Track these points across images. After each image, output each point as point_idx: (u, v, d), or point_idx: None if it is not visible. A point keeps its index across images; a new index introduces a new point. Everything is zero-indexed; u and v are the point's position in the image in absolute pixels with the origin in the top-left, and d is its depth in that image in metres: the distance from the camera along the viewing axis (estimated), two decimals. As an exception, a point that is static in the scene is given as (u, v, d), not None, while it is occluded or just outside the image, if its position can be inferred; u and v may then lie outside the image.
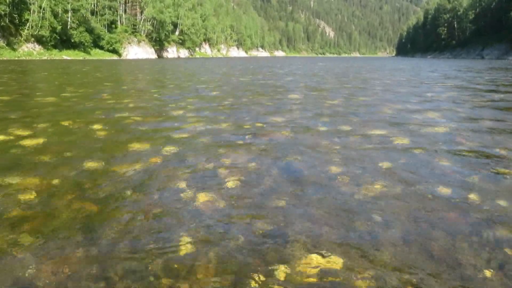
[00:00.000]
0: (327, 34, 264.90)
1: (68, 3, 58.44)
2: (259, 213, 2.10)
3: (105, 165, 2.92)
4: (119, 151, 3.33)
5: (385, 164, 2.95)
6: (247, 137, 3.85)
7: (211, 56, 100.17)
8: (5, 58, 45.90)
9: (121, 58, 65.09)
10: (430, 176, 2.72)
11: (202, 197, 2.30)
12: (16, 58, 47.61)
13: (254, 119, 4.92)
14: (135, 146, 3.47)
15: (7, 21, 50.72)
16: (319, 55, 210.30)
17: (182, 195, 2.35)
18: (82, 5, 60.66)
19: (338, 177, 2.67)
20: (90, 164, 2.95)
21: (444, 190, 2.43)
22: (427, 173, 2.79)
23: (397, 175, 2.73)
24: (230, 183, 2.55)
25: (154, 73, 17.15)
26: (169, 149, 3.35)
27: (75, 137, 3.88)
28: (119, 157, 3.14)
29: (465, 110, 5.89)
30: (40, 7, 54.46)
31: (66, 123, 4.58)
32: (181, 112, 5.46)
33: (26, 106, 6.01)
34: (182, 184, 2.52)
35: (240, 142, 3.65)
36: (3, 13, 49.26)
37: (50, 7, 55.55)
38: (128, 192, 2.37)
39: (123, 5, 71.02)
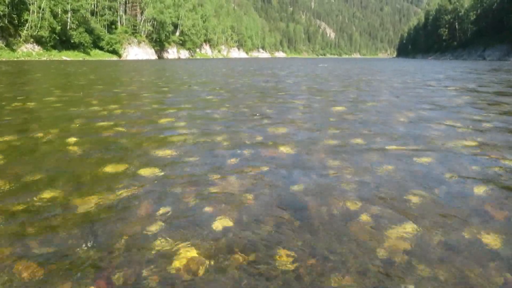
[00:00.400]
0: (328, 35, 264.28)
1: (68, 3, 57.94)
2: (256, 280, 1.50)
3: (65, 197, 2.33)
4: (88, 175, 2.74)
5: (414, 198, 2.35)
6: (243, 156, 3.25)
7: (211, 57, 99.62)
8: (3, 59, 45.37)
9: (121, 59, 64.55)
10: (473, 215, 2.12)
11: (182, 253, 1.70)
12: (15, 59, 47.09)
13: (253, 130, 4.32)
14: (108, 168, 2.87)
15: (6, 22, 50.20)
16: (320, 56, 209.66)
17: (154, 249, 1.75)
18: (81, 5, 60.15)
19: (358, 218, 2.07)
20: (48, 195, 2.36)
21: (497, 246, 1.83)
22: (468, 211, 2.19)
23: (432, 214, 2.13)
24: (218, 226, 1.95)
25: (151, 75, 16.59)
26: (147, 174, 2.76)
27: (42, 155, 3.29)
28: (85, 185, 2.54)
29: (485, 118, 5.29)
30: (40, 7, 53.96)
31: (37, 135, 3.99)
32: (171, 120, 4.87)
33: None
34: (156, 230, 1.92)
35: (235, 162, 3.05)
36: (1, 13, 48.74)
37: (50, 7, 55.05)
38: (84, 247, 1.77)
39: (123, 6, 70.52)
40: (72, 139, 3.82)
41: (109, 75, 16.00)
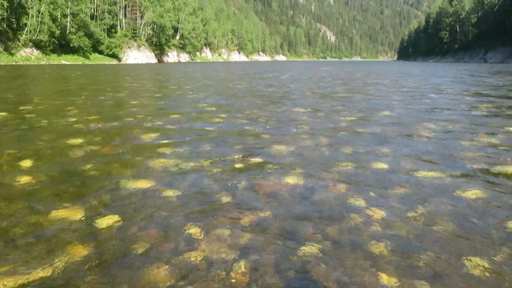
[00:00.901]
0: (328, 38, 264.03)
1: (67, 7, 57.46)
2: None
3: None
4: (28, 224, 1.98)
5: (475, 271, 1.58)
6: (236, 192, 2.48)
7: (212, 60, 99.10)
8: (1, 63, 44.80)
9: (121, 62, 64.00)
10: None
11: None
12: (13, 63, 46.52)
13: (248, 149, 3.56)
14: (58, 213, 2.10)
15: (4, 26, 49.70)
16: (320, 59, 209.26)
17: None
18: (81, 9, 59.69)
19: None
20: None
21: None
22: None
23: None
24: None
25: (146, 79, 15.87)
26: (106, 223, 1.99)
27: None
28: (19, 246, 1.78)
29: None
30: (39, 11, 53.45)
31: (-15, 158, 3.25)
32: (154, 136, 4.11)
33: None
34: None
35: (224, 203, 2.29)
36: (0, 17, 48.21)
37: (49, 11, 54.56)
38: None
39: (123, 10, 70.06)
40: (27, 163, 3.07)
41: (103, 80, 15.29)
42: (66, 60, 56.88)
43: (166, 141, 3.85)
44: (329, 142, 3.89)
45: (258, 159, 3.24)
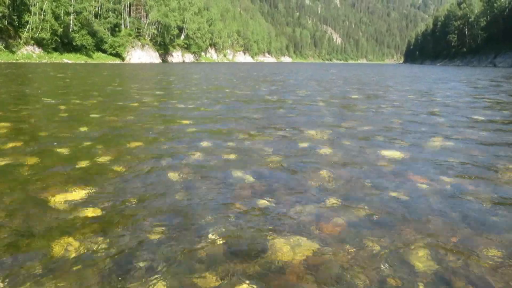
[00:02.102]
0: (334, 40, 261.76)
1: (70, 5, 56.30)
2: None
3: None
4: None
5: None
6: None
7: (217, 61, 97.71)
8: (1, 61, 43.63)
9: (124, 62, 62.76)
10: None
11: None
12: (14, 61, 45.37)
13: (238, 225, 2.01)
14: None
15: (5, 23, 48.56)
16: (326, 61, 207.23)
17: None
18: (84, 7, 58.51)
19: None
20: None
21: None
22: None
23: None
24: None
25: (138, 81, 14.38)
26: None
27: None
28: None
29: None
30: (41, 9, 52.29)
31: None
32: (72, 203, 2.57)
33: None
34: None
35: None
36: (1, 14, 47.08)
37: (51, 9, 53.38)
38: None
39: (128, 8, 68.83)
40: None
41: (90, 81, 13.83)
42: (68, 58, 55.71)
43: (85, 213, 2.24)
44: (373, 212, 2.30)
45: (257, 252, 1.67)
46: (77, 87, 10.94)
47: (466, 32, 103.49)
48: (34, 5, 52.04)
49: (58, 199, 2.30)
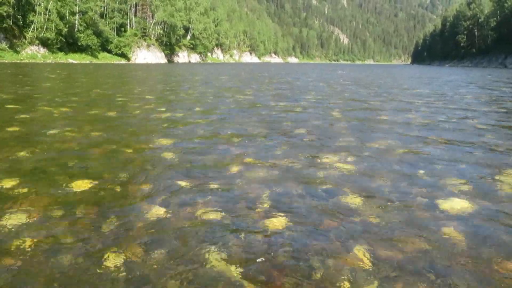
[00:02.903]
0: (341, 40, 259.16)
1: (76, 5, 55.53)
2: None
3: None
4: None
5: None
6: None
7: (223, 61, 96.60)
8: (5, 61, 42.88)
9: (130, 62, 61.88)
10: None
11: None
12: (18, 61, 44.62)
13: None
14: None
15: (10, 23, 47.87)
16: (333, 62, 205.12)
17: None
18: (90, 7, 57.71)
19: None
20: None
21: None
22: None
23: None
24: None
25: (136, 83, 13.21)
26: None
27: None
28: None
29: None
30: (46, 8, 51.55)
31: None
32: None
33: None
34: None
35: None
36: (5, 14, 46.35)
37: (56, 9, 52.62)
38: None
39: (134, 8, 67.97)
40: None
41: (79, 82, 12.67)
42: (73, 59, 54.94)
43: None
44: None
45: None
46: (59, 90, 9.77)
47: (476, 33, 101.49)
48: (39, 5, 51.33)
49: None
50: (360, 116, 6.14)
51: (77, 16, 56.21)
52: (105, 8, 63.49)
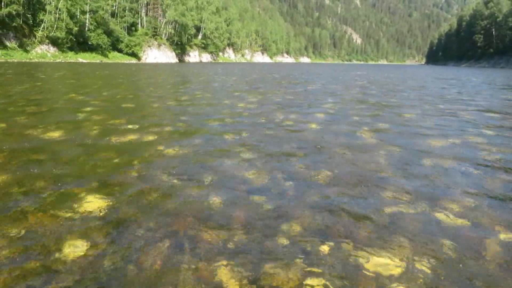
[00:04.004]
0: (354, 40, 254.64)
1: (86, 4, 54.62)
2: None
3: None
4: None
5: None
6: None
7: (234, 61, 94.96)
8: (15, 60, 42.09)
9: (140, 62, 60.78)
10: None
11: None
12: (28, 60, 43.80)
13: None
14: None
15: (20, 22, 47.13)
16: (346, 62, 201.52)
17: None
18: (100, 6, 56.75)
19: None
20: None
21: None
22: None
23: None
24: None
25: (129, 84, 11.63)
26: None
27: None
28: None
29: None
30: (56, 7, 50.70)
31: None
32: None
33: None
34: None
35: None
36: (15, 13, 45.58)
37: (67, 7, 51.73)
38: None
39: (145, 8, 66.89)
40: None
41: (62, 85, 11.14)
42: (83, 58, 54.08)
43: None
44: None
45: None
46: (29, 94, 8.20)
47: (494, 32, 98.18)
48: (50, 4, 50.52)
49: None
50: (401, 141, 4.35)
51: (87, 15, 55.33)
52: (116, 7, 62.54)
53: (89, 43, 55.59)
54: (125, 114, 5.76)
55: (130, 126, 4.73)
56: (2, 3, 44.39)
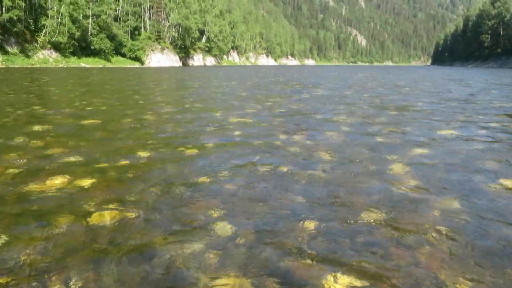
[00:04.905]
0: (359, 42, 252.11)
1: (89, 8, 53.71)
2: None
3: None
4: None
5: None
6: None
7: (238, 64, 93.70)
8: (16, 66, 41.14)
9: (144, 66, 59.71)
10: None
11: None
12: (29, 66, 42.87)
13: None
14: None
15: (21, 27, 46.27)
16: (351, 64, 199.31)
17: None
18: (103, 10, 55.82)
19: None
20: None
21: None
22: None
23: None
24: None
25: (111, 92, 10.28)
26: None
27: None
28: None
29: None
30: (58, 12, 49.84)
31: None
32: None
33: None
34: None
35: None
36: (16, 18, 44.70)
37: (69, 12, 50.82)
38: None
39: (148, 11, 65.90)
40: None
41: (43, 91, 9.82)
42: (86, 63, 53.16)
43: None
44: None
45: None
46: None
47: (501, 32, 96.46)
48: (52, 8, 49.68)
49: None
50: (458, 186, 2.90)
51: (90, 19, 54.42)
52: (119, 11, 61.61)
53: (92, 47, 54.66)
54: (77, 136, 4.36)
55: (70, 159, 3.33)
56: (3, 8, 43.55)
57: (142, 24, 64.42)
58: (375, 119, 5.94)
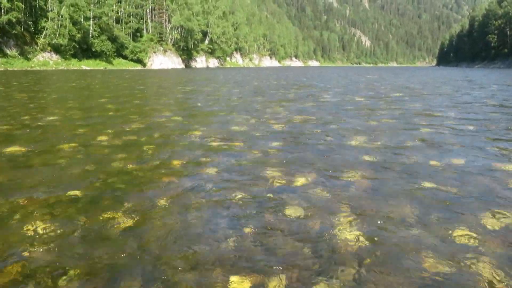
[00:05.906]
0: (363, 43, 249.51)
1: (90, 10, 52.50)
2: None
3: None
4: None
5: None
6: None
7: (242, 65, 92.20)
8: (15, 69, 39.93)
9: (146, 68, 58.42)
10: None
11: None
12: (29, 68, 41.66)
13: None
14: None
15: (20, 29, 45.13)
16: (355, 65, 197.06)
17: None
18: (104, 12, 54.59)
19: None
20: None
21: None
22: None
23: None
24: None
25: (89, 100, 8.78)
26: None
27: None
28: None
29: None
30: (59, 14, 48.64)
31: None
32: None
33: None
34: None
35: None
36: (15, 20, 43.54)
37: (69, 14, 49.62)
38: None
39: (150, 13, 64.64)
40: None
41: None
42: (87, 65, 51.89)
43: None
44: None
45: None
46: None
47: (508, 32, 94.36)
48: (52, 10, 48.52)
49: None
50: None
51: (91, 21, 53.23)
52: (121, 13, 60.40)
53: (93, 50, 53.46)
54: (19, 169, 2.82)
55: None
56: (2, 11, 42.39)
57: (144, 26, 63.18)
58: (405, 138, 4.34)
